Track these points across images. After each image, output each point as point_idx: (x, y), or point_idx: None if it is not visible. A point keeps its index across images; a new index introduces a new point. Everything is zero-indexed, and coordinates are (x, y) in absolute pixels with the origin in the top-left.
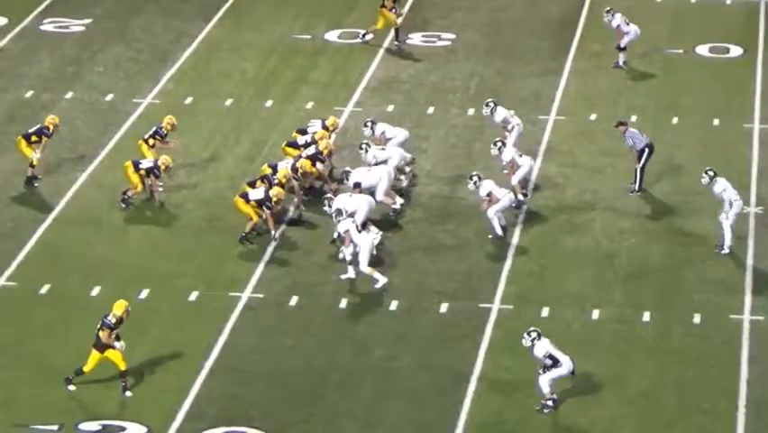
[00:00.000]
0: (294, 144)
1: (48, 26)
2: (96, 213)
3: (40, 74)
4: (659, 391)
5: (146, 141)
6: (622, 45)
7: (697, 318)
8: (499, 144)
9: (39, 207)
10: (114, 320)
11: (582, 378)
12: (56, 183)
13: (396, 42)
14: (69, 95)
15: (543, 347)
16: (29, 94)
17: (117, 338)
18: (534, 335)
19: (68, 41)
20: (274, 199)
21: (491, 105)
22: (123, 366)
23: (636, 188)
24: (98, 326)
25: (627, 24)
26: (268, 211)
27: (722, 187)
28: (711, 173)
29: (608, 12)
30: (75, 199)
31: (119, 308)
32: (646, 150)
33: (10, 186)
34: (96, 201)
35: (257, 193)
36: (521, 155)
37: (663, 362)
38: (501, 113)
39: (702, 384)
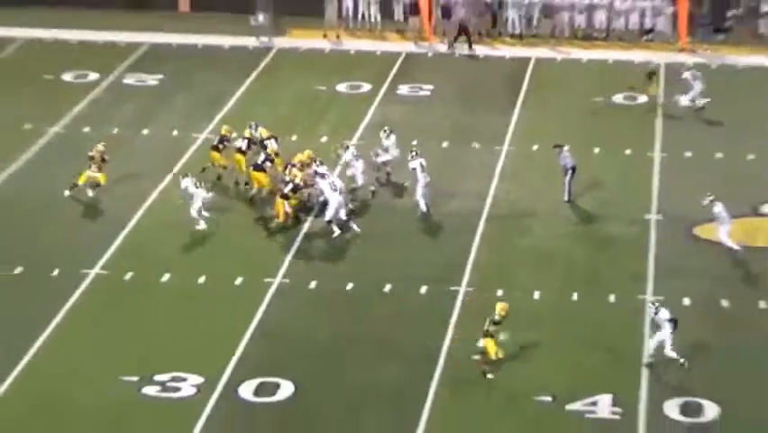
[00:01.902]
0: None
1: (129, 80)
2: (166, 218)
3: (122, 116)
4: (584, 344)
5: (216, 147)
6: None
7: (612, 298)
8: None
9: (124, 212)
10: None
11: (528, 343)
12: (136, 194)
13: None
14: (146, 131)
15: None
16: (115, 131)
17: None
18: (656, 305)
19: (144, 91)
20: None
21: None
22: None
23: (566, 198)
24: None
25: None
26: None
27: (719, 208)
28: (712, 197)
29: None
30: (151, 207)
31: (502, 309)
32: (571, 170)
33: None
34: (167, 209)
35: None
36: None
37: (587, 327)
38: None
39: (614, 342)
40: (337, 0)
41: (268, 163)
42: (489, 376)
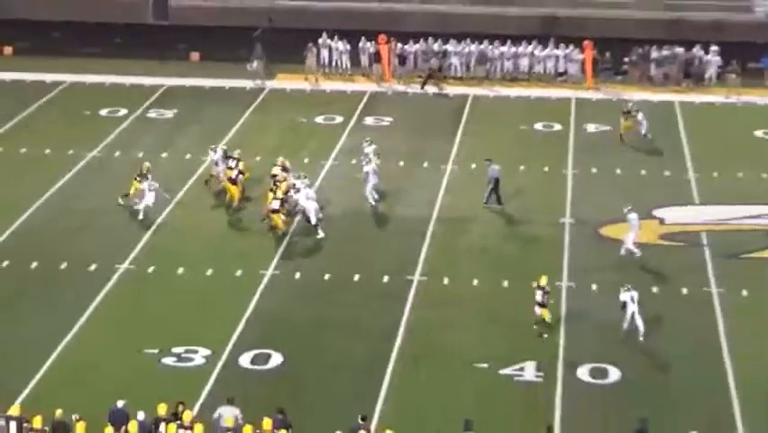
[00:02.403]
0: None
1: (152, 114)
2: (181, 223)
3: (146, 143)
4: (513, 321)
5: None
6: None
7: (535, 284)
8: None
9: (147, 219)
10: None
11: (467, 320)
12: (157, 205)
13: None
14: (165, 155)
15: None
16: (140, 154)
17: None
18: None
19: (163, 123)
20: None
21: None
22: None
23: (485, 201)
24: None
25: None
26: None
27: (634, 216)
28: (630, 207)
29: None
30: (169, 215)
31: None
32: (495, 180)
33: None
34: (182, 217)
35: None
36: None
37: (515, 308)
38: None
39: (533, 315)
40: (315, 51)
41: (240, 177)
42: (545, 336)
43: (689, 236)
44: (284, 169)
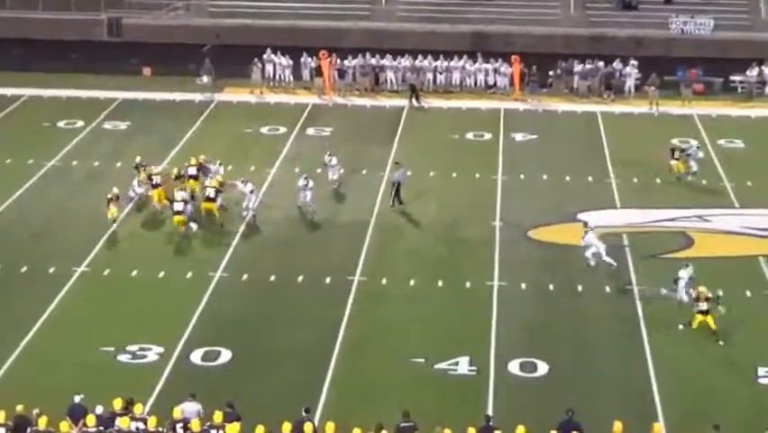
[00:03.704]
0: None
1: (107, 126)
2: (134, 228)
3: (101, 152)
4: (447, 318)
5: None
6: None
7: (468, 284)
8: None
9: (103, 224)
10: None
11: (405, 317)
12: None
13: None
14: (119, 164)
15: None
16: (96, 163)
17: None
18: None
19: (118, 134)
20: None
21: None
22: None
23: (392, 204)
24: None
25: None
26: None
27: (590, 236)
28: (587, 228)
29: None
30: (123, 220)
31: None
32: (397, 183)
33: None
34: (135, 222)
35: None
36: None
37: (450, 305)
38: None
39: (470, 316)
40: (260, 66)
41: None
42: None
43: (611, 238)
44: (200, 168)
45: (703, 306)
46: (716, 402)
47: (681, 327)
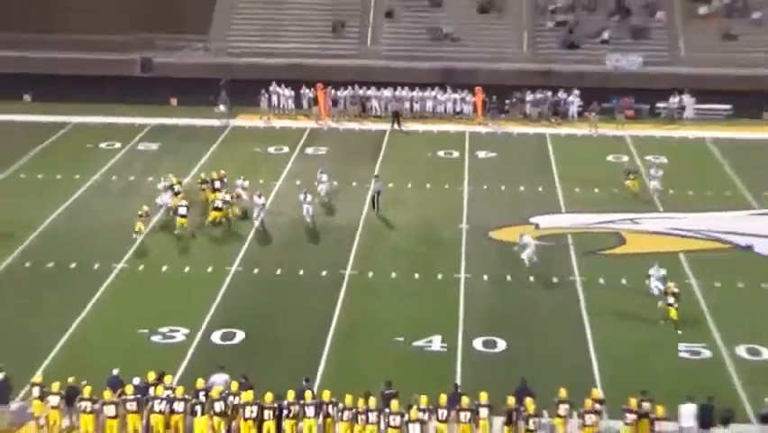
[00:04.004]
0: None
1: (141, 147)
2: (164, 231)
3: (136, 168)
4: (423, 303)
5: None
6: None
7: (439, 276)
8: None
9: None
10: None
11: (387, 301)
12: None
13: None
14: (150, 178)
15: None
16: (131, 178)
17: None
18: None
19: (150, 153)
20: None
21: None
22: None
23: (375, 210)
24: None
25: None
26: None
27: (527, 238)
28: (522, 234)
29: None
30: (155, 224)
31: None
32: (378, 192)
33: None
34: (162, 225)
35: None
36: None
37: (425, 293)
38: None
39: (441, 301)
40: (267, 96)
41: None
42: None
43: (558, 238)
44: (221, 180)
45: (670, 299)
46: (645, 372)
47: (662, 322)
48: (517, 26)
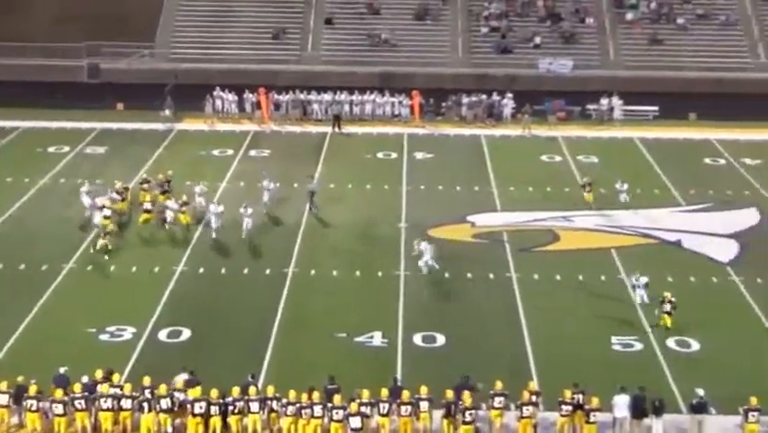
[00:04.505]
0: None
1: (88, 150)
2: (108, 231)
3: (84, 171)
4: (364, 301)
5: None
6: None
7: (379, 273)
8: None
9: (87, 228)
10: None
11: (329, 298)
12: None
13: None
14: (99, 181)
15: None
16: (79, 181)
17: None
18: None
19: (97, 157)
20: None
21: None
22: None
23: (312, 210)
24: None
25: None
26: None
27: (423, 245)
28: (418, 239)
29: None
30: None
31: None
32: (312, 192)
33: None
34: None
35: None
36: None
37: (365, 291)
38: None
39: (382, 298)
40: (211, 101)
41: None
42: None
43: (494, 235)
44: (167, 182)
45: (667, 307)
46: (578, 365)
47: (648, 329)
48: (453, 32)
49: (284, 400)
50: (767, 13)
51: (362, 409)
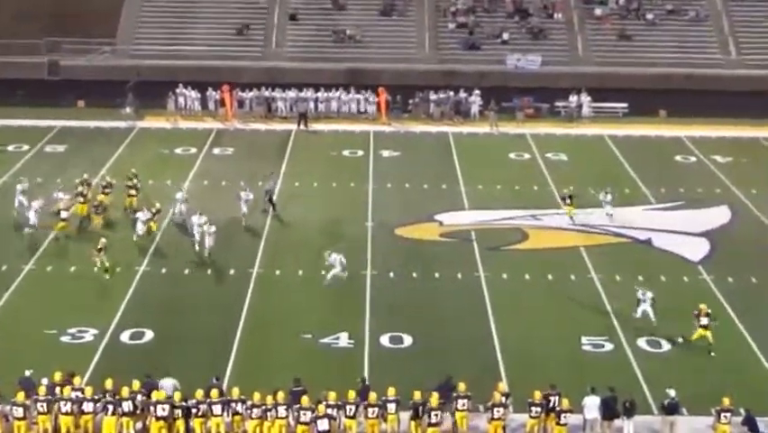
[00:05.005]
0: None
1: (48, 149)
2: (70, 230)
3: (44, 170)
4: (331, 300)
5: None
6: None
7: (347, 273)
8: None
9: (46, 229)
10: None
11: (295, 301)
12: (53, 217)
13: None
14: (58, 180)
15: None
16: (39, 180)
17: None
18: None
19: (57, 155)
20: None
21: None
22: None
23: (273, 208)
24: None
25: None
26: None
27: (333, 257)
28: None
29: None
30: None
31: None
32: (271, 191)
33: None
34: (71, 225)
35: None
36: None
37: (332, 290)
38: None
39: (349, 298)
40: (174, 98)
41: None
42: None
43: (462, 234)
44: (135, 177)
45: (704, 321)
46: (548, 366)
47: (680, 339)
48: (419, 28)
49: (249, 403)
50: (737, 9)
51: (329, 411)
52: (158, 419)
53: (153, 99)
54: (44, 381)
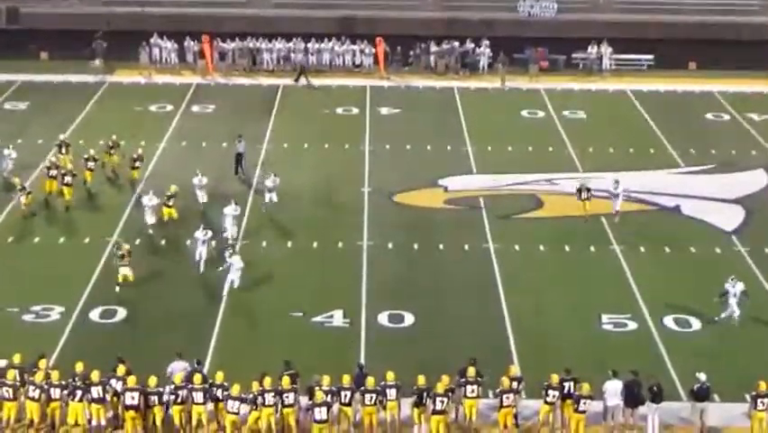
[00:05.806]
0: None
1: (7, 106)
2: (37, 199)
3: (3, 131)
4: (323, 275)
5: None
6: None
7: (340, 244)
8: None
9: (8, 197)
10: None
11: (283, 275)
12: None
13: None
14: (20, 141)
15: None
16: None
17: None
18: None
19: (18, 114)
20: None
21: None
22: None
23: (239, 172)
24: None
25: None
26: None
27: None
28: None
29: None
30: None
31: None
32: (240, 155)
33: None
34: (37, 194)
35: None
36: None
37: (325, 264)
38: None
39: (343, 273)
40: (148, 49)
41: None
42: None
43: (469, 201)
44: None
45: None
46: (565, 347)
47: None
48: None
49: (231, 394)
50: None
51: (323, 397)
52: (127, 408)
53: (125, 51)
54: (1, 362)
